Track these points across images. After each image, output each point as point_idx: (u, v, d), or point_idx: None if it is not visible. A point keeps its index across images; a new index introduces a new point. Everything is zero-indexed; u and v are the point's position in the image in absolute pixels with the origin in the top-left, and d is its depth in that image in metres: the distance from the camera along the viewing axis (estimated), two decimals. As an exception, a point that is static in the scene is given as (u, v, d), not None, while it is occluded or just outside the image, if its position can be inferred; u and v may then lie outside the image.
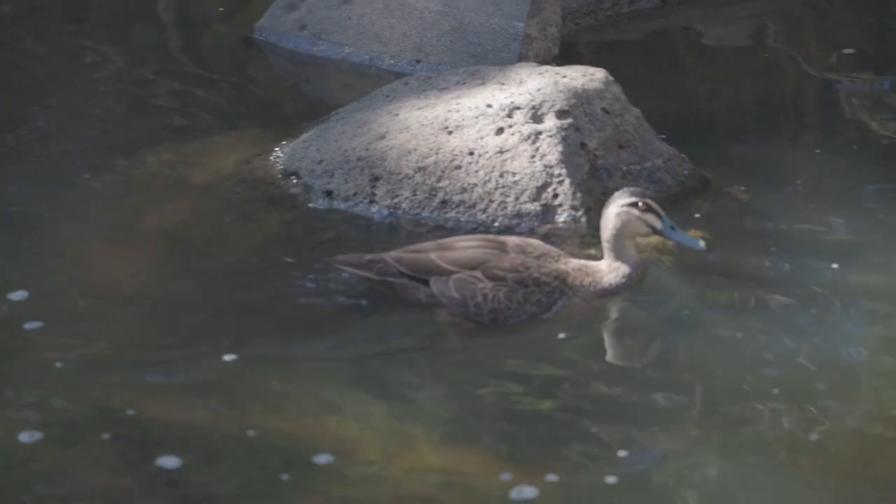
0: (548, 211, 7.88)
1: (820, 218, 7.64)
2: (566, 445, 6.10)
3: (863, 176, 8.46)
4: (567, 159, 7.94)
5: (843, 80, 9.64)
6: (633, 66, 9.88)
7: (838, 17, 10.74)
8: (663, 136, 8.34)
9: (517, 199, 7.92)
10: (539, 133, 7.98)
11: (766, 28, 10.52)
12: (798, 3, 10.89)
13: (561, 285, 7.22)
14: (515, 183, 7.93)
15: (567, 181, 7.88)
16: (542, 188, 7.90)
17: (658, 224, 7.30)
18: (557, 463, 5.96)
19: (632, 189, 7.35)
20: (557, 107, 8.04)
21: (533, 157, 7.95)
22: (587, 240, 7.70)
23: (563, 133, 7.98)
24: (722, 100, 9.62)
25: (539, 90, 8.10)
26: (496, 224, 7.90)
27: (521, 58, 9.26)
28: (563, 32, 9.84)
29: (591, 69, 8.35)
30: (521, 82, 8.25)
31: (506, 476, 5.87)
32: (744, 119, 9.33)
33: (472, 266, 7.17)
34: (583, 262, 7.33)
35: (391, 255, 7.20)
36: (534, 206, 7.88)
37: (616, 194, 7.32)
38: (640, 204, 7.24)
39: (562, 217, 7.86)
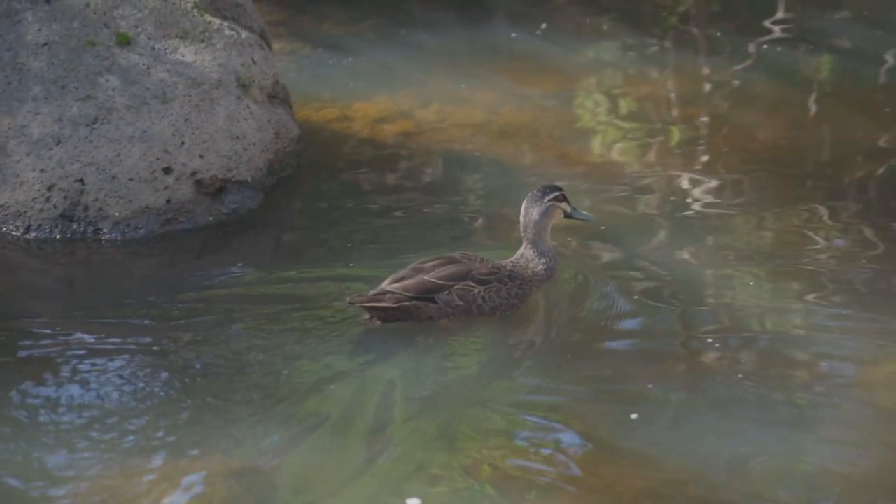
0: None
1: None
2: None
3: None
4: None
5: None
6: None
7: None
8: None
9: None
10: None
11: None
12: None
13: (521, 278, 8.75)
14: None
15: None
16: None
17: (568, 208, 8.90)
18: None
19: (546, 186, 8.86)
20: None
21: None
22: None
23: None
24: None
25: None
26: None
27: None
28: None
29: None
30: None
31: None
32: None
33: (461, 278, 8.59)
34: (511, 259, 8.87)
35: (391, 287, 8.50)
36: None
37: (533, 194, 8.81)
38: (559, 195, 8.78)
39: None
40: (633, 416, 7.55)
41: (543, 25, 14.27)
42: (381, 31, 14.42)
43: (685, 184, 10.65)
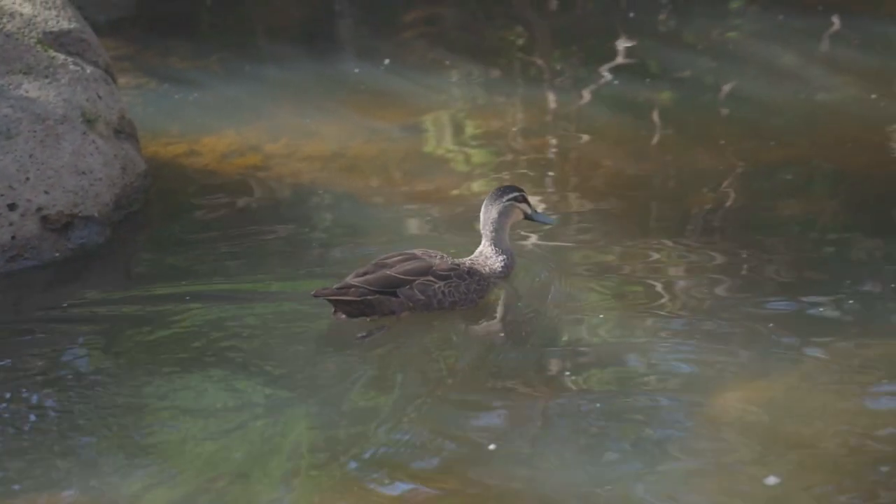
0: None
1: None
2: None
3: None
4: None
5: None
6: None
7: None
8: None
9: None
10: None
11: None
12: None
13: (480, 274, 9.01)
14: None
15: None
16: None
17: (528, 210, 9.16)
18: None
19: (506, 186, 9.13)
20: None
21: None
22: None
23: None
24: None
25: None
26: None
27: None
28: None
29: None
30: None
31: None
32: None
33: (422, 273, 8.83)
34: (470, 257, 9.16)
35: (355, 281, 8.75)
36: None
37: (493, 193, 9.08)
38: (518, 196, 9.04)
39: None
40: (492, 447, 7.62)
41: (387, 61, 14.40)
42: (227, 65, 14.42)
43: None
